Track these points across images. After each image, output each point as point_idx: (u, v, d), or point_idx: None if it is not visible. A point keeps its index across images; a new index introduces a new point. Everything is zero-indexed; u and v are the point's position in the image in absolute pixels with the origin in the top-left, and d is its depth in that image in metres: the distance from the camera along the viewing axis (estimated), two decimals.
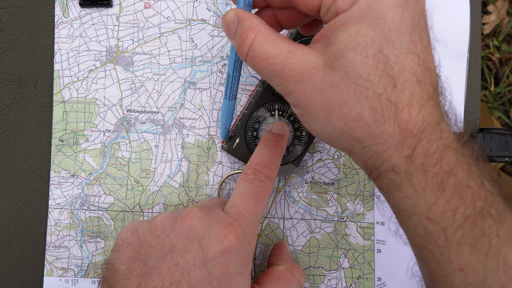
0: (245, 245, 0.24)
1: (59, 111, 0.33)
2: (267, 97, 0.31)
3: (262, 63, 0.21)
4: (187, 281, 0.22)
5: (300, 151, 0.31)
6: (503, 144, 0.32)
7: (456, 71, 0.33)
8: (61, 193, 0.32)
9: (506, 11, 0.85)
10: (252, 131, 0.31)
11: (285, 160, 0.31)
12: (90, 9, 0.33)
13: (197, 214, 0.24)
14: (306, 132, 0.31)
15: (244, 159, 0.31)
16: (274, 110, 0.31)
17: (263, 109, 0.31)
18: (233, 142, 0.31)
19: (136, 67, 0.33)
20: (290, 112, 0.31)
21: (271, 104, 0.31)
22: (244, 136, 0.31)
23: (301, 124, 0.31)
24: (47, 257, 0.32)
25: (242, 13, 0.22)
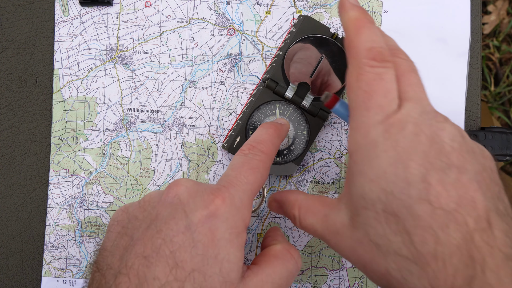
0: (233, 211, 0.22)
1: (58, 110, 0.32)
2: (268, 95, 0.31)
3: (310, 231, 0.24)
4: (169, 247, 0.20)
5: (301, 150, 0.31)
6: (504, 142, 0.32)
7: (456, 70, 0.33)
8: (60, 193, 0.32)
9: (506, 11, 0.86)
10: (253, 130, 0.31)
11: (286, 159, 0.31)
12: (90, 8, 0.33)
13: (184, 183, 0.23)
14: (307, 131, 0.31)
15: None
16: (275, 109, 0.31)
17: (264, 107, 0.31)
18: (234, 141, 0.31)
19: (136, 66, 0.33)
20: (291, 111, 0.31)
21: (272, 103, 0.31)
22: (245, 135, 0.31)
23: (302, 123, 0.31)
24: (45, 257, 0.32)
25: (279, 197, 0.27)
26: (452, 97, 0.33)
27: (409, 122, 0.20)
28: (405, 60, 0.23)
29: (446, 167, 0.19)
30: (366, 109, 0.21)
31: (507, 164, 0.85)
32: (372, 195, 0.20)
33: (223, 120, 0.33)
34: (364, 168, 0.21)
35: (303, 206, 0.25)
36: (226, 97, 0.33)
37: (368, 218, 0.20)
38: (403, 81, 0.22)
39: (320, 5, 0.33)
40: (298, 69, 0.30)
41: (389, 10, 0.33)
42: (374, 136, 0.21)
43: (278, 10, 0.33)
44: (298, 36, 0.30)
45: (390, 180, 0.19)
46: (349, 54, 0.23)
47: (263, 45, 0.33)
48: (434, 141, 0.20)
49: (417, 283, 0.19)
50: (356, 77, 0.22)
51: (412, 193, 0.19)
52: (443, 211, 0.18)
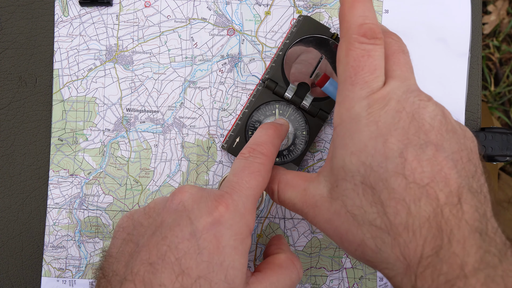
0: (237, 217, 0.22)
1: (58, 110, 0.32)
2: (267, 96, 0.31)
3: (288, 205, 0.25)
4: (175, 253, 0.21)
5: (300, 151, 0.31)
6: (504, 143, 0.32)
7: (457, 70, 0.33)
8: (59, 193, 0.32)
9: (506, 11, 0.86)
10: (253, 130, 0.31)
11: (286, 159, 0.31)
12: (90, 8, 0.33)
13: (189, 190, 0.23)
14: (307, 131, 0.31)
15: None
16: (275, 109, 0.31)
17: (263, 108, 0.31)
18: (233, 141, 0.31)
19: (136, 66, 0.33)
20: (290, 111, 0.31)
21: (272, 103, 0.31)
22: (244, 135, 0.31)
23: (302, 123, 0.31)
24: (45, 258, 0.32)
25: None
26: (452, 97, 0.33)
27: (392, 99, 0.21)
28: (396, 41, 0.24)
29: (424, 144, 0.20)
30: (352, 83, 0.22)
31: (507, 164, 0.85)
32: (352, 167, 0.21)
33: (223, 120, 0.33)
34: (346, 141, 0.21)
35: (282, 181, 0.25)
36: (225, 98, 0.33)
37: (346, 189, 0.21)
38: (392, 61, 0.23)
39: (320, 5, 0.33)
40: (297, 69, 0.30)
41: (389, 10, 0.33)
42: (358, 111, 0.21)
43: (278, 10, 0.33)
44: (298, 36, 0.30)
45: (370, 154, 0.20)
46: (341, 28, 0.23)
47: (262, 45, 0.33)
48: (414, 119, 0.20)
49: (390, 252, 0.20)
50: (345, 52, 0.22)
51: (389, 167, 0.20)
52: (416, 185, 0.19)
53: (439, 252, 0.19)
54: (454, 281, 0.18)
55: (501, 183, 0.78)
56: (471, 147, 0.21)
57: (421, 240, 0.19)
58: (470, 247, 0.18)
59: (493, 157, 0.32)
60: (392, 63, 0.23)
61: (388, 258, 0.20)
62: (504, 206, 0.73)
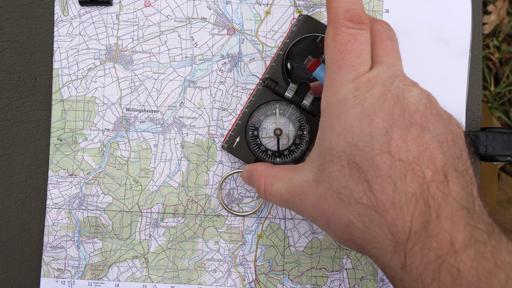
0: None
1: (57, 110, 0.32)
2: (267, 95, 0.31)
3: (275, 197, 0.25)
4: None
5: (301, 150, 0.31)
6: (505, 143, 0.31)
7: (457, 70, 0.33)
8: (59, 193, 0.32)
9: (506, 11, 0.86)
10: (253, 130, 0.31)
11: (287, 159, 0.31)
12: (89, 8, 0.32)
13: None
14: (307, 131, 0.31)
15: (245, 158, 0.31)
16: (275, 109, 0.31)
17: (263, 107, 0.31)
18: (233, 141, 0.31)
19: (136, 66, 0.32)
20: (291, 111, 0.31)
21: (272, 102, 0.31)
22: (245, 135, 0.31)
23: (302, 123, 0.31)
24: (44, 258, 0.32)
25: (250, 167, 0.28)
26: (453, 97, 0.33)
27: (377, 83, 0.21)
28: (385, 29, 0.24)
29: (409, 124, 0.20)
30: (338, 67, 0.22)
31: (507, 164, 0.85)
32: (339, 148, 0.21)
33: (223, 120, 0.33)
34: (332, 123, 0.22)
35: (269, 174, 0.26)
36: (225, 97, 0.33)
37: (333, 171, 0.21)
38: (379, 47, 0.23)
39: (320, 4, 0.33)
40: (298, 69, 0.30)
41: (389, 10, 0.33)
42: (344, 94, 0.22)
43: (278, 10, 0.33)
44: (298, 35, 0.30)
45: (356, 134, 0.21)
46: (328, 14, 0.23)
47: (263, 44, 0.33)
48: (400, 101, 0.21)
49: (378, 230, 0.20)
50: (332, 37, 0.23)
51: (375, 146, 0.20)
52: (402, 163, 0.20)
53: (428, 228, 0.19)
54: (444, 257, 0.18)
55: (501, 183, 0.78)
56: (457, 132, 0.22)
57: (409, 216, 0.19)
58: (459, 223, 0.18)
59: (494, 157, 0.32)
60: (379, 50, 0.23)
61: (376, 237, 0.20)
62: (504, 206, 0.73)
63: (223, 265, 0.32)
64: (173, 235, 0.32)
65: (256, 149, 0.31)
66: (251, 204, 0.32)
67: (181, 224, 0.32)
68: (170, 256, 0.32)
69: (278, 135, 0.31)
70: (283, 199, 0.25)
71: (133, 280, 0.32)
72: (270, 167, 0.27)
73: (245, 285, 0.32)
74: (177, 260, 0.32)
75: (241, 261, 0.32)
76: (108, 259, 0.32)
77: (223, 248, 0.32)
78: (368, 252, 0.21)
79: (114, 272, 0.32)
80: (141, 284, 0.32)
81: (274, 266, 0.32)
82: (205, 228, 0.32)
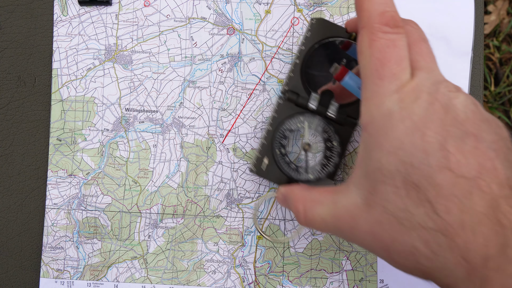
0: None
1: (57, 110, 0.32)
2: (290, 109, 0.28)
3: (318, 224, 0.23)
4: None
5: (334, 163, 0.28)
6: None
7: (459, 70, 0.33)
8: (58, 193, 0.32)
9: (506, 11, 0.85)
10: (280, 148, 0.28)
11: (320, 175, 0.28)
12: (89, 7, 0.32)
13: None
14: (337, 142, 0.28)
15: (277, 180, 0.29)
16: (301, 122, 0.28)
17: (288, 122, 0.28)
18: (262, 163, 0.28)
19: (135, 66, 0.32)
20: (317, 122, 0.28)
21: (296, 116, 0.28)
22: (272, 155, 0.28)
23: (331, 134, 0.28)
24: (44, 258, 0.32)
25: (285, 190, 0.26)
26: None
27: (423, 92, 0.20)
28: (415, 29, 0.23)
29: (463, 135, 0.19)
30: (379, 77, 0.20)
31: None
32: (391, 168, 0.19)
33: (222, 120, 0.32)
34: (380, 140, 0.20)
35: (308, 198, 0.24)
36: (225, 97, 0.32)
37: (386, 193, 0.19)
38: (414, 50, 0.22)
39: (321, 3, 0.32)
40: (319, 77, 0.29)
41: None
42: (389, 106, 0.20)
43: (278, 9, 0.32)
44: (314, 41, 0.28)
45: (408, 151, 0.19)
46: (360, 18, 0.21)
47: (263, 44, 0.32)
48: (449, 109, 0.19)
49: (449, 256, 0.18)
50: (368, 43, 0.21)
51: (432, 162, 0.18)
52: (464, 179, 0.18)
53: (506, 251, 0.17)
54: None
55: None
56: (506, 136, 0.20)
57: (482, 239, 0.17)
58: None
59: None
60: (415, 53, 0.21)
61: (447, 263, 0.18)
62: None
63: (223, 266, 0.32)
64: (172, 236, 0.32)
65: (287, 168, 0.28)
66: (250, 205, 0.32)
67: (180, 225, 0.32)
68: (169, 257, 0.32)
69: (306, 150, 0.29)
70: (328, 226, 0.23)
71: (132, 281, 0.32)
72: (307, 190, 0.25)
73: (244, 286, 0.32)
74: (176, 261, 0.32)
75: (241, 262, 0.32)
76: (107, 260, 0.32)
77: (222, 249, 0.32)
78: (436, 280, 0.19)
79: (113, 273, 0.32)
80: (140, 285, 0.32)
81: (274, 267, 0.32)
82: (204, 229, 0.32)
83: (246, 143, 0.32)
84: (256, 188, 0.32)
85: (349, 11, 0.33)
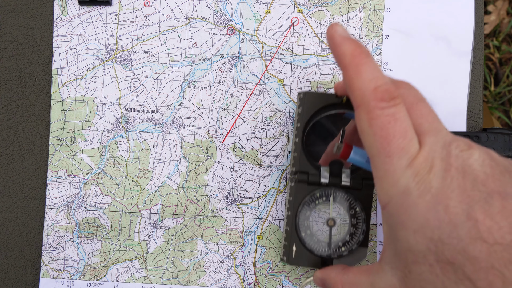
0: None
1: (57, 110, 0.32)
2: (304, 189, 0.28)
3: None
4: None
5: (362, 230, 0.28)
6: (506, 144, 0.31)
7: (459, 70, 0.33)
8: (58, 193, 0.32)
9: (506, 11, 0.85)
10: (306, 230, 0.28)
11: (352, 245, 0.28)
12: (89, 7, 0.32)
13: None
14: (360, 208, 0.27)
15: (311, 264, 0.28)
16: (318, 199, 0.28)
17: (306, 203, 0.28)
18: (291, 251, 0.28)
19: (135, 66, 0.32)
20: (334, 194, 0.28)
21: (312, 194, 0.28)
22: (299, 240, 0.28)
23: (352, 202, 0.28)
24: (43, 258, 0.32)
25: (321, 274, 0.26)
26: (454, 97, 0.33)
27: (435, 159, 0.19)
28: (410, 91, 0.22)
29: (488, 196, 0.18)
30: (387, 155, 0.20)
31: None
32: (420, 247, 0.18)
33: (222, 120, 0.32)
34: (403, 219, 0.19)
35: (346, 282, 0.24)
36: (225, 97, 0.32)
37: (422, 273, 0.19)
38: (415, 114, 0.21)
39: (321, 3, 0.32)
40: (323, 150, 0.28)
41: (391, 9, 0.33)
42: (405, 183, 0.19)
43: (278, 9, 0.32)
44: (307, 116, 0.27)
45: (435, 226, 0.18)
46: (354, 98, 0.21)
47: (263, 44, 0.32)
48: (466, 172, 0.19)
49: None
50: (368, 123, 0.20)
51: (462, 235, 0.18)
52: (500, 246, 0.17)
53: None
54: None
55: None
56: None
57: None
58: None
59: None
60: (416, 117, 0.21)
61: None
62: None
63: (223, 266, 0.32)
64: (172, 236, 0.32)
65: (318, 247, 0.28)
66: (251, 205, 0.32)
67: (180, 225, 0.32)
68: (169, 257, 0.32)
69: (331, 226, 0.28)
70: None
71: (132, 281, 0.32)
72: (343, 272, 0.24)
73: (244, 286, 0.32)
74: (176, 261, 0.32)
75: (241, 262, 0.32)
76: (107, 260, 0.32)
77: (222, 249, 0.32)
78: None
79: (113, 273, 0.32)
80: (140, 285, 0.32)
81: (274, 267, 0.32)
82: (204, 229, 0.32)
83: (246, 143, 0.32)
84: (256, 188, 0.32)
85: (349, 11, 0.33)
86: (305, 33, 0.32)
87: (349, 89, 0.21)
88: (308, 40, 0.32)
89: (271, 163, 0.32)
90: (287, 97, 0.32)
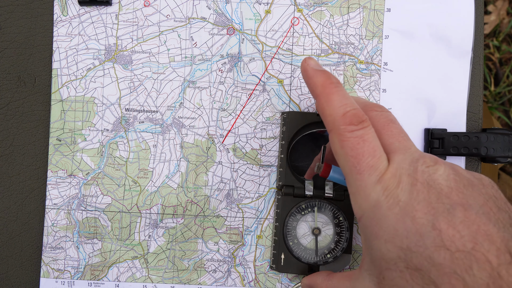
0: None
1: (57, 110, 0.32)
2: (290, 201, 0.30)
3: None
4: None
5: (346, 238, 0.30)
6: (506, 144, 0.31)
7: (459, 70, 0.33)
8: (58, 193, 0.32)
9: (506, 11, 0.85)
10: (293, 239, 0.30)
11: (337, 252, 0.30)
12: (89, 7, 0.32)
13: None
14: (343, 217, 0.30)
15: (299, 271, 0.30)
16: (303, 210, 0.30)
17: (292, 214, 0.30)
18: (280, 260, 0.30)
19: (135, 66, 0.32)
20: (318, 205, 0.30)
21: (298, 205, 0.30)
22: (287, 249, 0.30)
23: (335, 212, 0.30)
24: (44, 258, 0.32)
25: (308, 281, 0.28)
26: (454, 98, 0.33)
27: (402, 175, 0.21)
28: (380, 113, 0.24)
29: (451, 208, 0.19)
30: (358, 173, 0.22)
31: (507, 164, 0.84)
32: (391, 255, 0.20)
33: (222, 120, 0.32)
34: (375, 230, 0.21)
35: (330, 287, 0.26)
36: (225, 97, 0.32)
37: (394, 278, 0.20)
38: (385, 134, 0.23)
39: (321, 3, 0.33)
40: (307, 165, 0.31)
41: (391, 9, 0.33)
42: (375, 197, 0.21)
43: (278, 9, 0.32)
44: (291, 134, 0.30)
45: (403, 236, 0.20)
46: (326, 123, 0.23)
47: (263, 44, 0.32)
48: (431, 186, 0.20)
49: None
50: (340, 145, 0.22)
51: (427, 243, 0.19)
52: (462, 253, 0.18)
53: None
54: None
55: (501, 183, 0.78)
56: (494, 194, 0.20)
57: None
58: None
59: (495, 158, 0.31)
60: (387, 137, 0.23)
61: None
62: None
63: (223, 265, 0.32)
64: (172, 236, 0.32)
65: (305, 255, 0.30)
66: (251, 205, 0.32)
67: (180, 225, 0.32)
68: (169, 257, 0.32)
69: (316, 235, 0.30)
70: None
71: (133, 281, 0.32)
72: (328, 279, 0.26)
73: (244, 284, 0.32)
74: (176, 261, 0.32)
75: (241, 261, 0.32)
76: (108, 260, 0.32)
77: (222, 248, 0.32)
78: None
79: (114, 273, 0.32)
80: (141, 285, 0.32)
81: None
82: (204, 228, 0.32)
83: (246, 143, 0.32)
84: (256, 188, 0.32)
85: (349, 11, 0.33)
86: (305, 34, 0.32)
87: (322, 116, 0.23)
88: (308, 40, 0.32)
89: (271, 163, 0.32)
90: (287, 97, 0.32)
